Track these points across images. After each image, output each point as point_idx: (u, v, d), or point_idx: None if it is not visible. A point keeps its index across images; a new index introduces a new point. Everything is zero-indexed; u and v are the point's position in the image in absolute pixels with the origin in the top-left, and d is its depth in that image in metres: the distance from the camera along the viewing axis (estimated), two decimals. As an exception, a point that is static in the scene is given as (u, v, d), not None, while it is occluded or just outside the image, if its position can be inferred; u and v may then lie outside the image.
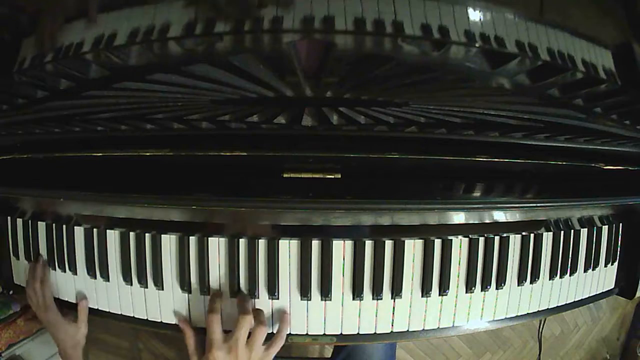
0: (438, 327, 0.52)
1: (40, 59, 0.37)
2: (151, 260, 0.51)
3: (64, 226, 0.54)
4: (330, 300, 0.50)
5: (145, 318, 0.52)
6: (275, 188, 0.42)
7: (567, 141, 0.45)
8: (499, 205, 0.45)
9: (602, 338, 1.58)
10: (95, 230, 0.52)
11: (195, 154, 0.43)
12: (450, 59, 0.36)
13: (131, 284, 0.52)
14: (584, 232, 0.59)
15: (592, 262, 0.60)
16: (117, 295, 0.53)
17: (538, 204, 0.45)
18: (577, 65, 0.37)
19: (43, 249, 0.57)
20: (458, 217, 0.49)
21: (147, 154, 0.43)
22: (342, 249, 0.49)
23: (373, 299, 0.50)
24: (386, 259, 0.49)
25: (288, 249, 0.49)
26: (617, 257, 0.64)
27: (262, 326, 0.46)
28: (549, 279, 0.57)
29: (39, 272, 0.55)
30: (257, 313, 0.48)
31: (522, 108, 0.43)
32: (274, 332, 0.50)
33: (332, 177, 0.42)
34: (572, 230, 0.58)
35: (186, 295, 0.50)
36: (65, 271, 0.55)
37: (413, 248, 0.50)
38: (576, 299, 0.60)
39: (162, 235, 0.50)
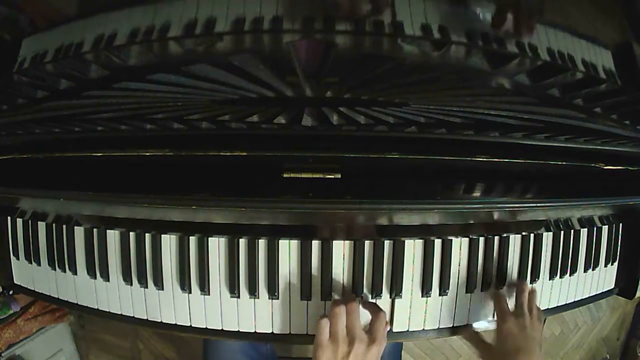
0: (438, 327, 0.53)
1: (40, 59, 0.37)
2: (151, 260, 0.51)
3: (64, 226, 0.54)
4: (331, 300, 0.50)
5: (145, 318, 0.52)
6: (275, 188, 0.42)
7: (567, 141, 0.45)
8: (499, 205, 0.44)
9: (602, 338, 1.58)
10: (95, 230, 0.52)
11: (195, 154, 0.43)
12: (450, 59, 0.36)
13: (131, 284, 0.52)
14: (584, 232, 0.59)
15: (592, 262, 0.60)
16: (117, 295, 0.53)
17: (538, 204, 0.45)
18: (577, 65, 0.37)
19: (43, 249, 0.57)
20: (458, 217, 0.49)
21: (147, 154, 0.43)
22: (342, 249, 0.49)
23: (373, 298, 0.50)
24: (386, 259, 0.49)
25: (288, 249, 0.49)
26: (617, 257, 0.64)
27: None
28: (549, 279, 0.57)
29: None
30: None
31: (522, 108, 0.43)
32: (274, 332, 0.50)
33: (332, 177, 0.42)
34: (572, 230, 0.58)
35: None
36: (65, 271, 0.55)
37: (413, 248, 0.50)
38: (576, 299, 0.60)
39: (162, 235, 0.50)
